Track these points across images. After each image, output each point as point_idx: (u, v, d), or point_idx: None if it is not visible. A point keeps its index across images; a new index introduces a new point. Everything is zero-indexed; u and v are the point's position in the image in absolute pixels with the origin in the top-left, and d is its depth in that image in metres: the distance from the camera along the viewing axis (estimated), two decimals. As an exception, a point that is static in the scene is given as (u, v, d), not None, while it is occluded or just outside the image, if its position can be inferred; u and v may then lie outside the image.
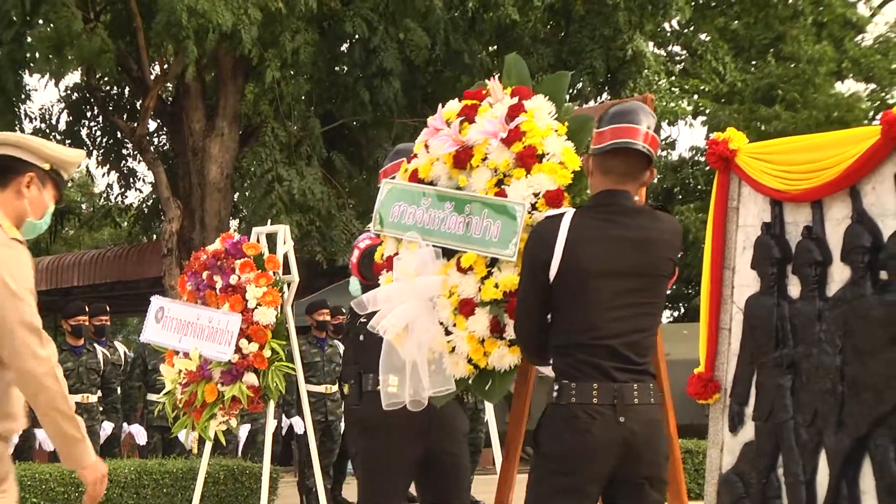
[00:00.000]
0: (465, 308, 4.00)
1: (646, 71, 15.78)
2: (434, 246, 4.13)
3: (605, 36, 15.11)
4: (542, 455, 3.69)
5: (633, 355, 3.60)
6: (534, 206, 3.94)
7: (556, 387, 3.66)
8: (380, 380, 4.27)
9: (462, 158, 4.18)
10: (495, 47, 16.55)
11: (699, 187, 21.93)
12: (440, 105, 4.45)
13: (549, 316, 3.72)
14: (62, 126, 17.52)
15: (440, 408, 4.46)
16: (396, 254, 4.25)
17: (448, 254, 4.11)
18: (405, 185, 4.35)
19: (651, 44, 17.45)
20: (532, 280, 3.69)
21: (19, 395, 3.45)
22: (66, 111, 17.49)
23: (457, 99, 4.40)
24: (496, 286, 3.94)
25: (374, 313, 4.13)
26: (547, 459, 3.65)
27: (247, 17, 12.67)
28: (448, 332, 4.06)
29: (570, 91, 14.50)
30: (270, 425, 7.56)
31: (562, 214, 3.68)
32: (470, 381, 4.12)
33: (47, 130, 17.47)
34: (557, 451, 3.62)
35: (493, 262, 3.99)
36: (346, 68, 16.24)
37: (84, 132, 17.68)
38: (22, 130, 16.58)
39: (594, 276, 3.58)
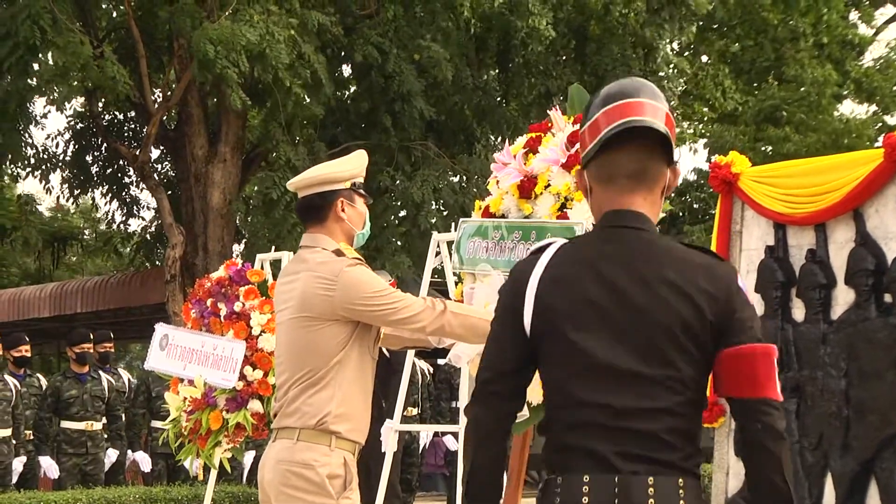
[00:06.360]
0: None
1: (667, 83, 15.83)
2: (505, 275, 4.22)
3: (625, 55, 15.24)
4: None
5: (649, 437, 2.42)
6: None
7: (541, 484, 2.57)
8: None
9: (527, 188, 4.33)
10: (496, 71, 16.61)
11: (704, 208, 21.84)
12: (447, 130, 4.58)
13: (522, 370, 2.58)
14: (67, 155, 17.55)
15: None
16: (472, 287, 4.35)
17: None
18: (478, 222, 4.46)
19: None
20: (502, 326, 2.59)
21: None
22: (71, 141, 17.52)
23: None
24: None
25: None
26: None
27: (271, 36, 12.72)
28: None
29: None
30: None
31: (545, 247, 2.61)
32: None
33: (52, 159, 17.50)
34: None
35: None
36: (349, 92, 16.26)
37: (87, 159, 17.70)
38: (27, 159, 16.62)
39: (578, 330, 2.47)
